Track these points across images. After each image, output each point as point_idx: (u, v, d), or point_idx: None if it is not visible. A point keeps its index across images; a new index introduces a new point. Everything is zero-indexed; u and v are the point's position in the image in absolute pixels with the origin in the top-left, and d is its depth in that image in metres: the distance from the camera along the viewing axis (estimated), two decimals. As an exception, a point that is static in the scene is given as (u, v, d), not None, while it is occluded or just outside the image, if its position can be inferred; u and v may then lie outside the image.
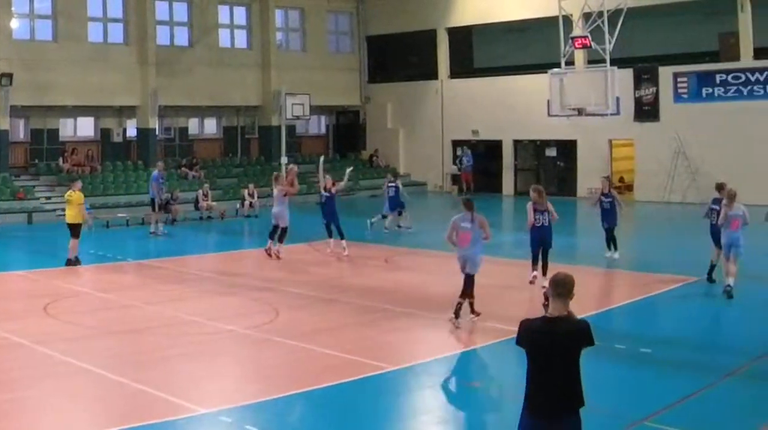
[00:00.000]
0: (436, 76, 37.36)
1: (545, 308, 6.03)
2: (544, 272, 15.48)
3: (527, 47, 34.58)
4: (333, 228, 20.50)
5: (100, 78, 30.61)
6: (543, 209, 15.76)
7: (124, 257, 20.26)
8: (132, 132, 33.17)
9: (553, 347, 5.76)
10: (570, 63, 28.52)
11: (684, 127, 29.96)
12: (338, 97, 38.54)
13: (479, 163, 35.76)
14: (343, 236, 20.38)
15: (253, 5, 35.84)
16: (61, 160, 30.49)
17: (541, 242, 15.78)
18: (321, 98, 35.84)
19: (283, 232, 19.76)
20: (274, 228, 19.80)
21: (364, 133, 39.99)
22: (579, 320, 5.96)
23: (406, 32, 37.86)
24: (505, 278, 16.36)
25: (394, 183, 24.44)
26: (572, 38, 27.24)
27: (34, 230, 25.93)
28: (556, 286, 5.89)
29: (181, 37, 34.11)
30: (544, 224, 15.73)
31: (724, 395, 9.85)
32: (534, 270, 15.82)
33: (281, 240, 19.75)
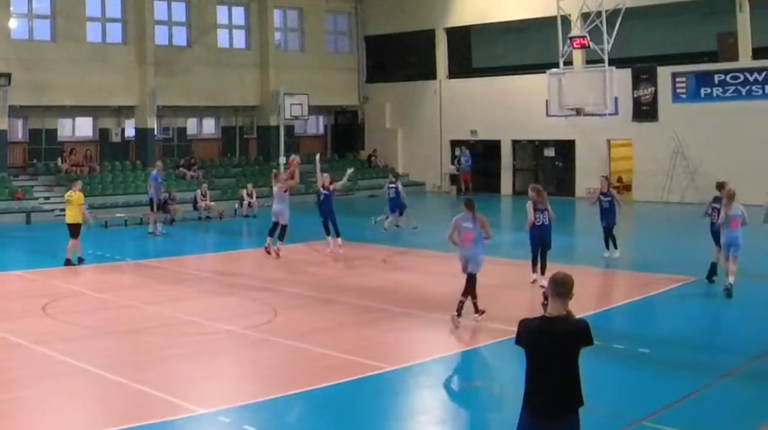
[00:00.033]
0: (434, 76, 37.35)
1: (544, 307, 6.03)
2: (543, 272, 15.52)
3: (526, 47, 34.58)
4: (330, 226, 20.57)
5: (99, 78, 30.60)
6: (543, 208, 15.78)
7: (122, 257, 20.25)
8: (130, 132, 33.16)
9: (552, 347, 5.76)
10: (568, 63, 28.53)
11: (682, 127, 29.96)
12: (337, 97, 38.55)
13: (478, 164, 35.76)
14: (339, 233, 20.53)
15: (252, 5, 35.83)
16: (60, 160, 30.50)
17: (541, 240, 15.80)
18: (319, 98, 35.86)
19: (283, 229, 19.76)
20: (273, 225, 19.81)
21: (363, 133, 39.97)
22: (578, 320, 5.97)
23: (405, 32, 37.84)
24: (505, 278, 16.34)
25: (394, 184, 24.45)
26: (571, 38, 27.24)
27: (32, 230, 25.91)
28: (555, 285, 5.89)
29: (180, 37, 34.11)
30: (544, 222, 15.76)
31: (723, 395, 9.85)
32: (534, 272, 15.83)
33: (281, 238, 19.75)
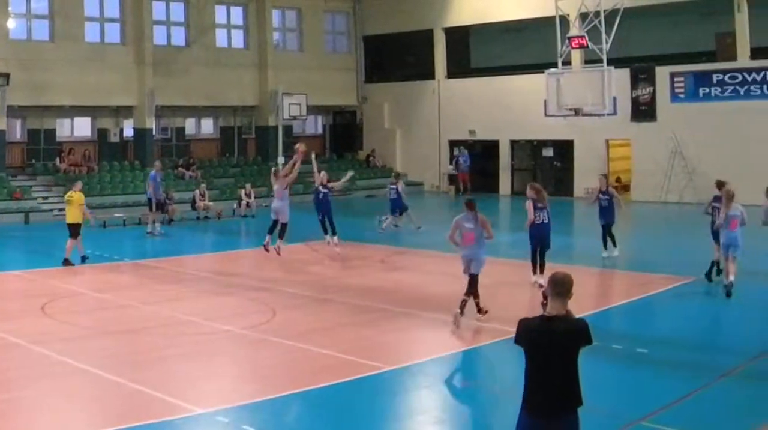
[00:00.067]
0: (433, 76, 37.36)
1: (544, 307, 6.03)
2: (542, 271, 15.51)
3: (524, 47, 34.59)
4: (327, 223, 20.65)
5: (97, 78, 30.59)
6: (542, 206, 15.78)
7: (121, 257, 20.24)
8: (129, 132, 33.17)
9: (552, 346, 5.77)
10: (567, 63, 28.53)
11: (681, 127, 29.98)
12: (335, 97, 38.55)
13: (476, 164, 35.77)
14: (335, 231, 20.59)
15: (250, 5, 35.82)
16: (58, 160, 30.49)
17: (541, 239, 15.77)
18: (318, 98, 35.88)
19: (283, 227, 19.73)
20: (273, 223, 19.80)
21: (361, 133, 39.98)
22: (577, 319, 5.97)
23: (403, 32, 37.85)
24: (504, 278, 16.33)
25: (395, 185, 24.16)
26: (569, 38, 27.23)
27: (30, 230, 25.89)
28: (554, 285, 5.90)
29: (178, 37, 34.10)
30: (544, 220, 15.75)
31: (721, 395, 9.85)
32: (534, 273, 15.81)
33: (281, 236, 19.72)
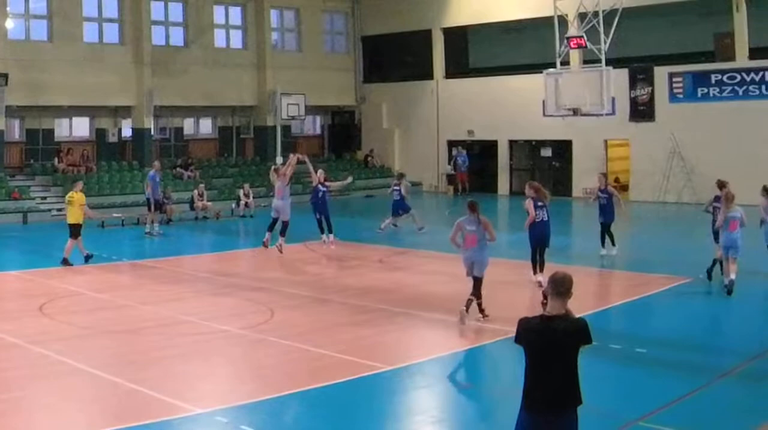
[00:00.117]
0: (431, 77, 37.36)
1: (544, 306, 6.05)
2: (542, 270, 15.51)
3: (522, 47, 34.60)
4: (323, 222, 20.69)
5: (96, 78, 30.55)
6: (543, 205, 15.79)
7: (119, 257, 20.23)
8: (127, 132, 33.15)
9: (551, 346, 5.78)
10: (565, 63, 28.51)
11: (679, 127, 29.99)
12: (333, 97, 38.54)
13: (475, 164, 35.80)
14: (332, 230, 20.65)
15: (249, 5, 35.82)
16: (57, 160, 30.47)
17: (541, 238, 15.76)
18: (316, 98, 35.87)
19: (285, 225, 19.73)
20: (273, 221, 19.78)
21: (360, 133, 39.99)
22: (577, 319, 5.98)
23: (402, 32, 37.83)
24: (503, 278, 16.29)
25: (398, 186, 23.71)
26: (567, 38, 27.22)
27: (29, 230, 25.87)
28: (554, 285, 5.91)
29: (177, 37, 34.08)
30: (544, 218, 15.76)
31: (720, 394, 9.85)
32: (535, 272, 15.81)
33: (283, 234, 19.70)
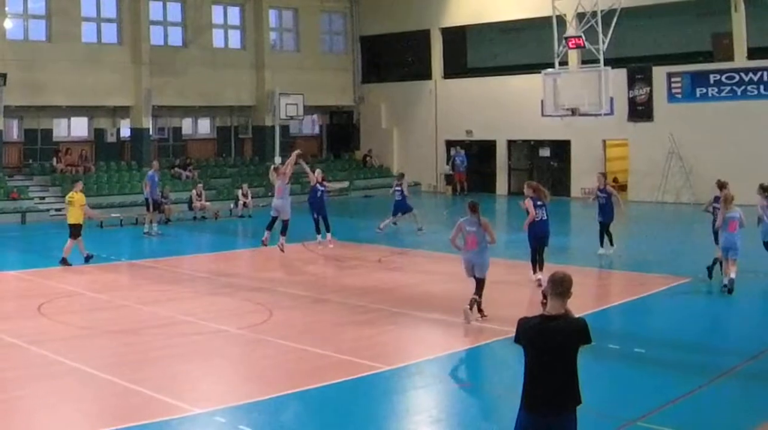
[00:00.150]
0: (429, 77, 37.34)
1: (543, 306, 6.06)
2: (541, 269, 15.53)
3: (521, 47, 34.61)
4: (321, 222, 20.72)
5: (94, 78, 30.54)
6: (542, 204, 15.80)
7: (118, 257, 20.23)
8: (126, 132, 33.12)
9: (551, 345, 5.80)
10: (564, 63, 28.54)
11: (678, 127, 30.00)
12: (332, 97, 38.50)
13: (473, 164, 35.80)
14: (329, 229, 20.68)
15: (247, 5, 35.80)
16: (55, 160, 30.45)
17: (541, 237, 15.78)
18: (315, 98, 35.84)
19: (285, 224, 19.74)
20: (272, 220, 19.77)
21: (358, 133, 39.96)
22: (576, 319, 5.99)
23: (400, 32, 37.81)
24: (503, 278, 16.29)
25: (399, 187, 23.55)
26: (566, 38, 27.26)
27: (27, 230, 25.85)
28: (554, 284, 5.92)
29: (175, 37, 34.06)
30: (543, 217, 15.78)
31: (719, 394, 9.86)
32: (535, 272, 15.82)
33: (284, 233, 19.69)
